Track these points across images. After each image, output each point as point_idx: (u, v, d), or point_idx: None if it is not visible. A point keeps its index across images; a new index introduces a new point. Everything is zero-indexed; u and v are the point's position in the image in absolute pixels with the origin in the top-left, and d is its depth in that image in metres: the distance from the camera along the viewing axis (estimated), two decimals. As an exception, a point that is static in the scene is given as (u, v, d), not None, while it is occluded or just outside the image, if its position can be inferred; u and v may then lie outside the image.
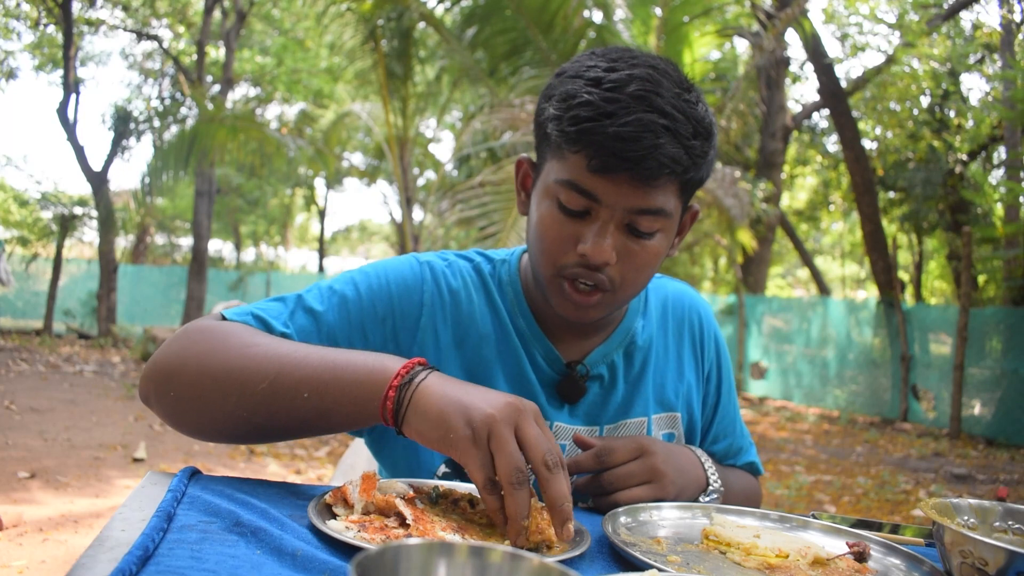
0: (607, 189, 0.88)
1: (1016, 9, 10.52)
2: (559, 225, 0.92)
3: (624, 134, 0.84)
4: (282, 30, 17.51)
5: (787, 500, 5.16)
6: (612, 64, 0.89)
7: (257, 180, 20.08)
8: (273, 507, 0.75)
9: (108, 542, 0.61)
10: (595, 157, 0.86)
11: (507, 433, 0.71)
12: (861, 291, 23.68)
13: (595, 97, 0.86)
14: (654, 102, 0.85)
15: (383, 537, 0.69)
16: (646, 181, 0.86)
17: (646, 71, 0.87)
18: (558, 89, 0.91)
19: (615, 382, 1.07)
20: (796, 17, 7.34)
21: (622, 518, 0.83)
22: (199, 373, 0.84)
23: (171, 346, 0.88)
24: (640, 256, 0.92)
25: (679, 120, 0.86)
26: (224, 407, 0.82)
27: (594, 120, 0.85)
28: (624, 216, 0.90)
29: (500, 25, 7.35)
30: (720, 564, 0.75)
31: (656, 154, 0.84)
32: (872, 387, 9.60)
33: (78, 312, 13.97)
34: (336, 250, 33.05)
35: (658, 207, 0.89)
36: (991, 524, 0.81)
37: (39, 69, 17.48)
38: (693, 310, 1.16)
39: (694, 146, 0.87)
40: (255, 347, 0.84)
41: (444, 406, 0.74)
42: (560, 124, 0.88)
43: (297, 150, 9.46)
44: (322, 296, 0.98)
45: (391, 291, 1.00)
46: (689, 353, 1.15)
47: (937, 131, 12.85)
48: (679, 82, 0.90)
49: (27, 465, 4.54)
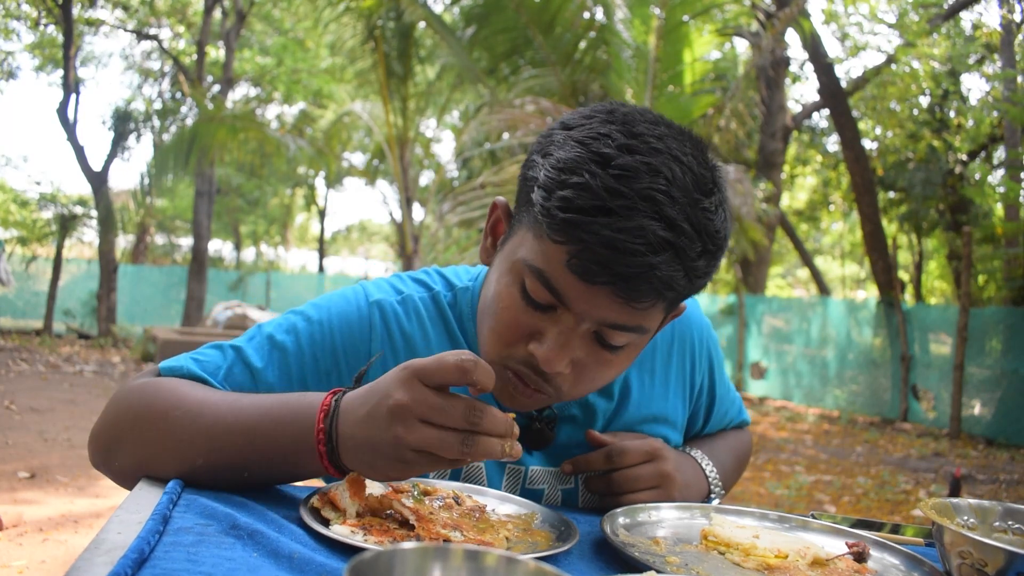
0: (581, 295, 0.75)
1: (1016, 9, 10.52)
2: (516, 312, 0.80)
3: (618, 242, 0.71)
4: (282, 30, 17.51)
5: (787, 500, 5.15)
6: (629, 142, 0.74)
7: (257, 180, 20.08)
8: (270, 509, 0.74)
9: (104, 545, 0.60)
10: (577, 257, 0.73)
11: (420, 435, 0.67)
12: (861, 291, 23.67)
13: (597, 182, 0.71)
14: (664, 208, 0.71)
15: (391, 540, 0.69)
16: (630, 301, 0.74)
17: (666, 161, 0.73)
18: (557, 150, 0.76)
19: (592, 421, 0.99)
20: (796, 17, 7.34)
21: (620, 518, 0.82)
22: (137, 446, 0.81)
23: (107, 415, 0.85)
24: (600, 369, 0.82)
25: (687, 235, 0.72)
26: (170, 474, 0.78)
27: (588, 214, 0.71)
28: (593, 325, 0.78)
29: (500, 24, 7.35)
30: (719, 565, 0.74)
31: (650, 274, 0.72)
32: (872, 387, 9.60)
33: (78, 312, 13.98)
34: (336, 250, 33.07)
35: (637, 325, 0.78)
36: (991, 524, 0.81)
37: (39, 69, 17.49)
38: (688, 328, 1.07)
39: (697, 267, 0.75)
40: (187, 419, 0.78)
41: (363, 457, 0.71)
42: (548, 201, 0.74)
43: (297, 150, 9.46)
44: (261, 349, 0.90)
45: (335, 342, 0.91)
46: (677, 372, 1.06)
47: (937, 131, 12.85)
48: (701, 181, 0.75)
49: (27, 465, 4.54)
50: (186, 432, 0.78)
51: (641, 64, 7.15)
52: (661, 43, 6.92)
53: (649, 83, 7.13)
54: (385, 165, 12.13)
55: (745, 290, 12.05)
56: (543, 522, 0.81)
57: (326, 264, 27.17)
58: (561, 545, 0.72)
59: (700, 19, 7.05)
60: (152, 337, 10.48)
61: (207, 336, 11.37)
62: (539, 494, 0.98)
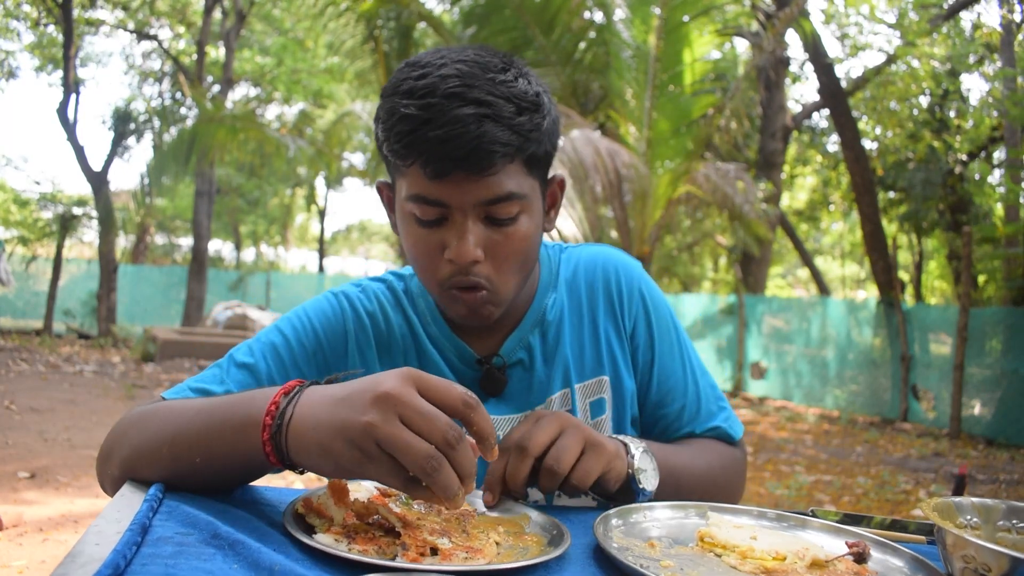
0: (450, 192, 0.88)
1: (1016, 9, 10.52)
2: (423, 240, 0.93)
3: (445, 135, 0.84)
4: (282, 30, 17.51)
5: (787, 500, 5.15)
6: (422, 72, 0.88)
7: (257, 180, 20.09)
8: (255, 516, 0.73)
9: (80, 557, 0.58)
10: (427, 164, 0.86)
11: (393, 430, 0.66)
12: (861, 291, 23.67)
13: (412, 108, 0.86)
14: (468, 95, 0.85)
15: (375, 548, 0.68)
16: (483, 171, 0.87)
17: (455, 68, 0.87)
18: (381, 110, 0.91)
19: (534, 363, 1.06)
20: (796, 17, 7.34)
21: (614, 520, 0.81)
22: (124, 451, 0.84)
23: (107, 436, 0.89)
24: (507, 244, 0.92)
25: (498, 105, 0.86)
26: (149, 478, 0.81)
27: (415, 131, 0.85)
28: (478, 210, 0.90)
29: (500, 25, 7.35)
30: (715, 568, 0.73)
31: (483, 143, 0.84)
32: (872, 387, 9.60)
33: (78, 312, 13.98)
34: (336, 250, 33.08)
35: (507, 192, 0.89)
36: (995, 524, 0.80)
37: (39, 69, 17.49)
38: (608, 269, 1.12)
39: (521, 123, 0.87)
40: (164, 413, 0.83)
41: (320, 437, 0.69)
42: (389, 143, 0.89)
43: (297, 150, 9.46)
44: (251, 350, 1.01)
45: (315, 328, 1.04)
46: (606, 315, 1.10)
47: (937, 131, 12.85)
48: (492, 66, 0.89)
49: (27, 465, 4.54)
50: (158, 421, 0.83)
51: (641, 64, 7.15)
52: (661, 43, 6.92)
53: (649, 83, 7.13)
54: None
55: (745, 290, 12.05)
56: (534, 525, 0.79)
57: (326, 264, 27.18)
58: (552, 551, 0.70)
59: (700, 19, 7.04)
60: (152, 337, 10.48)
61: (207, 336, 11.38)
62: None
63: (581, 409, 1.08)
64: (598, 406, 1.09)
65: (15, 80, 16.86)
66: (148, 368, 9.64)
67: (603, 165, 6.39)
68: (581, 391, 1.08)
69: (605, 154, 6.39)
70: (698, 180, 7.58)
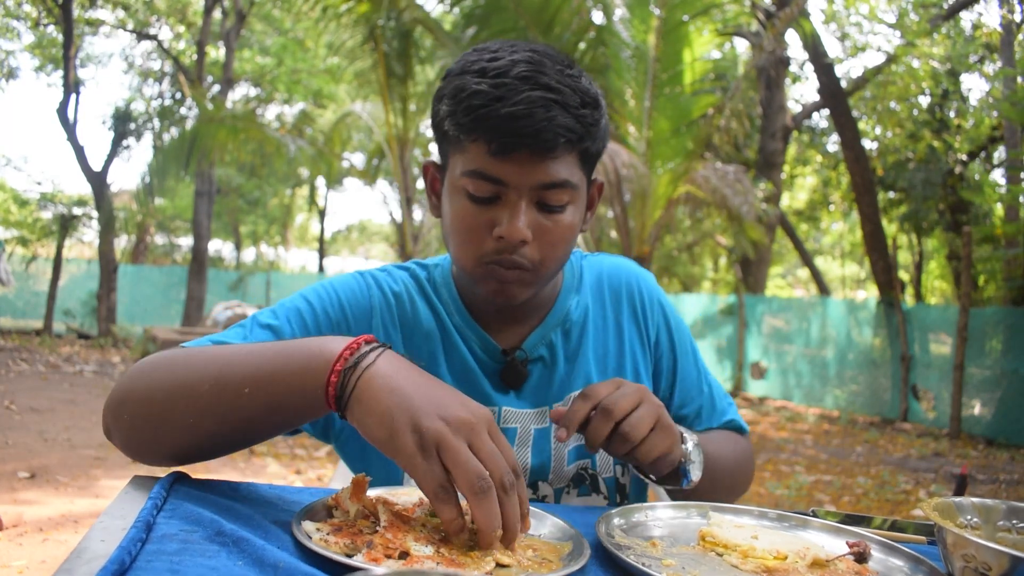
0: (511, 170, 0.90)
1: (1016, 9, 10.52)
2: (472, 215, 0.94)
3: (517, 112, 0.87)
4: (282, 30, 17.51)
5: (787, 500, 5.15)
6: (494, 54, 0.92)
7: (257, 180, 20.08)
8: (258, 513, 0.73)
9: (86, 554, 0.58)
10: (493, 140, 0.89)
11: (460, 445, 0.67)
12: (861, 291, 23.67)
13: (484, 85, 0.89)
14: (539, 80, 0.88)
15: (348, 542, 0.67)
16: (546, 154, 0.90)
17: (527, 54, 0.91)
18: (448, 88, 0.94)
19: (555, 361, 1.08)
20: (796, 17, 7.34)
21: (615, 519, 0.81)
22: (148, 391, 0.82)
23: (124, 376, 0.87)
24: (554, 231, 0.95)
25: (566, 93, 0.89)
26: (174, 419, 0.79)
27: (486, 106, 0.88)
28: (532, 194, 0.92)
29: (500, 25, 7.34)
30: (717, 567, 0.73)
31: (551, 126, 0.88)
32: (872, 387, 9.60)
33: (78, 312, 13.97)
34: (336, 250, 33.06)
35: (563, 179, 0.92)
36: (995, 523, 0.80)
37: (39, 69, 17.48)
38: (631, 280, 1.17)
39: (585, 115, 0.91)
40: (199, 355, 0.83)
41: (391, 404, 0.70)
42: (455, 118, 0.91)
43: (297, 150, 9.46)
44: (275, 313, 1.01)
45: (341, 299, 1.05)
46: (630, 323, 1.15)
47: (937, 131, 12.85)
48: (560, 60, 0.93)
49: (27, 465, 4.54)
50: (198, 361, 0.81)
51: (641, 64, 7.15)
52: (661, 43, 6.92)
53: (649, 83, 7.13)
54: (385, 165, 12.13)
55: (745, 290, 12.05)
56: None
57: (326, 264, 27.16)
58: (569, 566, 0.67)
59: (700, 19, 7.04)
60: (152, 337, 10.47)
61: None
62: (512, 432, 1.05)
63: None
64: None
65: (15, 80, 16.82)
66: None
67: (603, 165, 6.39)
68: None
69: (605, 154, 6.39)
70: (698, 180, 7.58)
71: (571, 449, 1.07)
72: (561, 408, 0.92)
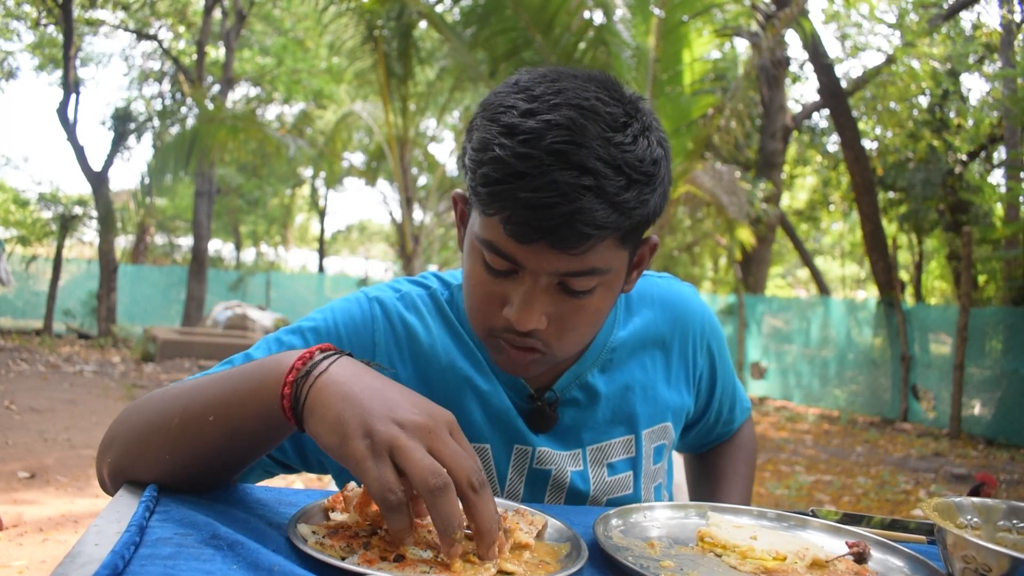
0: (527, 255, 0.79)
1: (1016, 9, 10.52)
2: (485, 285, 0.85)
3: (535, 201, 0.74)
4: (282, 30, 17.51)
5: (787, 500, 5.15)
6: (531, 106, 0.77)
7: (257, 180, 20.08)
8: (254, 516, 0.72)
9: (80, 558, 0.58)
10: (509, 223, 0.77)
11: (415, 445, 0.62)
12: (861, 291, 23.67)
13: (506, 152, 0.75)
14: (574, 157, 0.74)
15: (343, 545, 0.65)
16: (568, 249, 0.77)
17: (568, 114, 0.75)
18: (476, 132, 0.81)
19: (595, 402, 1.00)
20: (796, 17, 7.33)
21: (613, 520, 0.81)
22: (129, 432, 0.80)
23: (108, 429, 0.85)
24: (577, 315, 0.85)
25: (605, 175, 0.75)
26: (149, 458, 0.77)
27: (503, 183, 0.75)
28: (552, 278, 0.81)
29: (500, 25, 7.34)
30: (715, 568, 0.73)
31: (575, 221, 0.74)
32: (872, 387, 9.60)
33: (78, 312, 13.97)
34: (336, 250, 33.06)
35: (590, 267, 0.80)
36: (995, 524, 0.80)
37: (39, 69, 17.49)
38: (686, 315, 1.08)
39: (627, 200, 0.76)
40: (175, 390, 0.79)
41: (342, 408, 0.65)
42: (474, 180, 0.79)
43: (297, 150, 9.46)
44: (269, 348, 0.94)
45: (340, 335, 0.95)
46: (679, 357, 1.07)
47: (937, 131, 12.85)
48: (611, 120, 0.77)
49: (27, 465, 4.54)
50: (168, 397, 0.79)
51: (641, 64, 7.15)
52: (661, 43, 6.92)
53: (649, 83, 7.13)
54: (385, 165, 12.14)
55: (745, 290, 12.04)
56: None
57: (326, 264, 27.18)
58: (568, 568, 0.66)
59: (700, 19, 7.04)
60: (152, 337, 10.48)
61: (207, 336, 11.37)
62: (547, 474, 0.98)
63: (646, 455, 1.04)
64: (659, 452, 1.07)
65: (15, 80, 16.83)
66: (148, 368, 9.64)
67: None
68: (647, 437, 1.04)
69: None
70: (698, 180, 7.58)
71: (609, 498, 1.03)
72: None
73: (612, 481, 1.02)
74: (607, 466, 1.02)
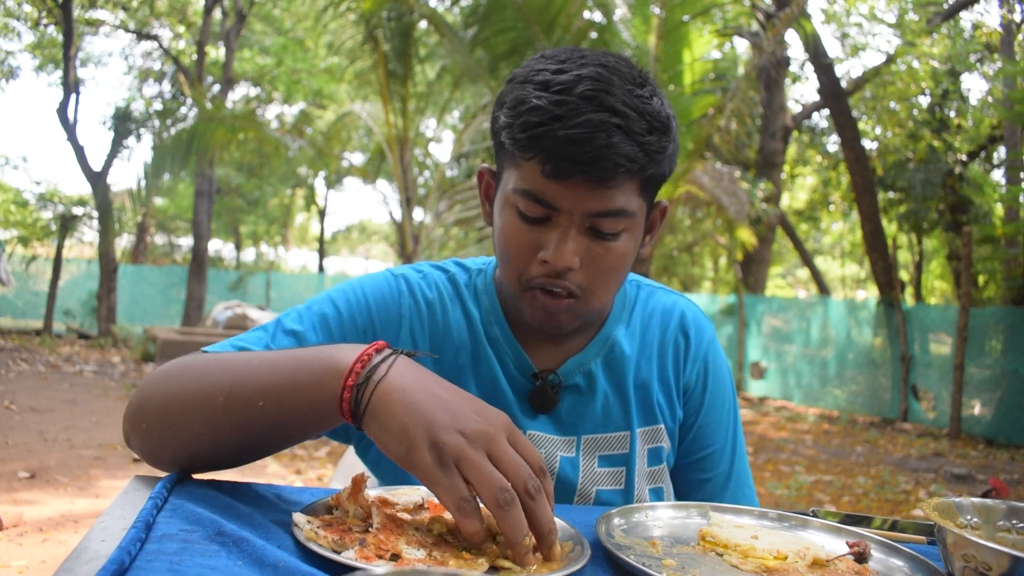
0: (563, 194, 0.86)
1: (1016, 9, 10.52)
2: (521, 234, 0.91)
3: (575, 136, 0.82)
4: (282, 30, 17.51)
5: (787, 500, 5.15)
6: (560, 66, 0.87)
7: (257, 180, 20.08)
8: (259, 513, 0.73)
9: (86, 554, 0.58)
10: (548, 162, 0.84)
11: (480, 458, 0.66)
12: (861, 291, 23.67)
13: (544, 101, 0.84)
14: (604, 101, 0.83)
15: (336, 538, 0.66)
16: (602, 182, 0.85)
17: (595, 70, 0.85)
18: (509, 96, 0.89)
19: (594, 391, 1.04)
20: (796, 17, 7.33)
21: (616, 519, 0.81)
22: (164, 400, 0.81)
23: (142, 384, 0.86)
24: (605, 258, 0.91)
25: (631, 117, 0.84)
26: (190, 430, 0.78)
27: (544, 125, 0.83)
28: (584, 220, 0.88)
29: (500, 25, 7.34)
30: (717, 567, 0.73)
31: (609, 154, 0.83)
32: (872, 387, 9.60)
33: (78, 312, 13.97)
34: (336, 250, 33.06)
35: (618, 207, 0.88)
36: (995, 523, 0.80)
37: (39, 69, 17.48)
38: (684, 325, 1.11)
39: (650, 142, 0.86)
40: (215, 364, 0.81)
41: (406, 418, 0.67)
42: (512, 131, 0.87)
43: (297, 150, 9.46)
44: (301, 317, 0.98)
45: (369, 305, 1.01)
46: (673, 366, 1.09)
47: (937, 131, 12.85)
48: (631, 78, 0.87)
49: (27, 465, 4.54)
50: (214, 369, 0.80)
51: (641, 64, 7.14)
52: (661, 43, 6.92)
53: (649, 83, 7.12)
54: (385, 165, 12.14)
55: (745, 290, 12.05)
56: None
57: (326, 264, 27.17)
58: (570, 566, 0.67)
59: (700, 19, 7.04)
60: (152, 337, 10.48)
61: (207, 336, 11.37)
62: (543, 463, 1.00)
63: (640, 455, 1.05)
64: (656, 455, 1.07)
65: (15, 80, 16.81)
66: (148, 368, 9.64)
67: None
68: (642, 436, 1.06)
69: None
70: (698, 180, 7.58)
71: (599, 489, 1.04)
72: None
73: (602, 473, 1.03)
74: (599, 457, 1.04)
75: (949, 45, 12.87)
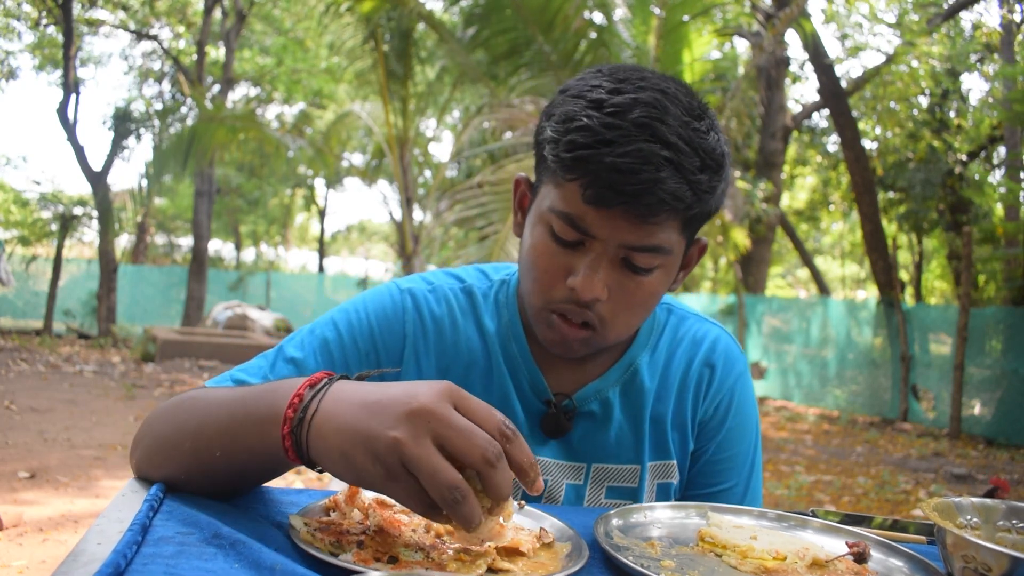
0: (601, 223, 0.83)
1: (1016, 9, 10.52)
2: (551, 256, 0.87)
3: (622, 165, 0.78)
4: (282, 30, 17.51)
5: (787, 500, 5.15)
6: (617, 85, 0.82)
7: (257, 180, 20.09)
8: (256, 515, 0.72)
9: (82, 557, 0.58)
10: (590, 187, 0.81)
11: (421, 449, 0.59)
12: (861, 291, 23.67)
13: (595, 122, 0.80)
14: (658, 131, 0.79)
15: (333, 540, 0.66)
16: (644, 217, 0.81)
17: (653, 95, 0.81)
18: (558, 108, 0.85)
19: (608, 420, 1.00)
20: (796, 17, 7.33)
21: (614, 520, 0.81)
22: (152, 440, 0.80)
23: (147, 416, 0.85)
24: (635, 293, 0.87)
25: (684, 152, 0.80)
26: (168, 468, 0.77)
27: (591, 148, 0.80)
28: (619, 251, 0.85)
29: (500, 25, 7.35)
30: (716, 568, 0.73)
31: (655, 189, 0.79)
32: (872, 387, 9.60)
33: (78, 312, 13.97)
34: (336, 250, 33.08)
35: (656, 244, 0.84)
36: (994, 523, 0.80)
37: (39, 69, 17.50)
38: (711, 358, 1.05)
39: (700, 181, 0.81)
40: (191, 404, 0.78)
41: (342, 443, 0.62)
42: (556, 148, 0.83)
43: (297, 150, 9.46)
44: (303, 343, 0.96)
45: (372, 326, 0.98)
46: (693, 400, 1.04)
47: (937, 131, 12.85)
48: (689, 108, 0.83)
49: (27, 465, 4.54)
50: (184, 413, 0.78)
51: (641, 64, 7.15)
52: (661, 43, 6.92)
53: (649, 83, 7.12)
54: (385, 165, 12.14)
55: (745, 290, 12.04)
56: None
57: (326, 264, 27.17)
58: (569, 568, 0.66)
59: (700, 19, 7.04)
60: (152, 337, 10.48)
61: (207, 336, 11.38)
62: (543, 484, 0.98)
63: (649, 490, 1.02)
64: (664, 490, 1.04)
65: (15, 80, 16.82)
66: (148, 368, 9.64)
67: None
68: (652, 471, 1.02)
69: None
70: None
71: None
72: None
73: (608, 504, 1.01)
74: (607, 488, 1.01)
75: (949, 45, 12.87)
